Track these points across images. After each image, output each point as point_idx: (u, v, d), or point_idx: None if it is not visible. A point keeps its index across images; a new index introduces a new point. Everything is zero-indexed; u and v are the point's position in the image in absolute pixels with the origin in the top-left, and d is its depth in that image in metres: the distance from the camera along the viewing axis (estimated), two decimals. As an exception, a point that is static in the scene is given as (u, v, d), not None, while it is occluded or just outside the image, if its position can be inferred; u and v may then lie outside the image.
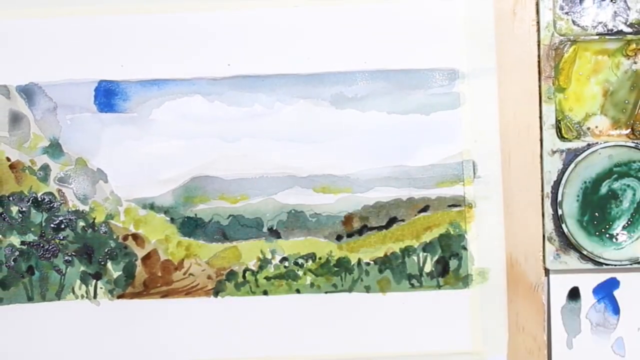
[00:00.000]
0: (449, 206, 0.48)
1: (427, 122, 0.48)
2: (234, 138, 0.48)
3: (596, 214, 0.48)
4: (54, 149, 0.48)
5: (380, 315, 0.49)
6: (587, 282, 0.49)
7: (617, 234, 0.48)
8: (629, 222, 0.48)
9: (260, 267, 0.49)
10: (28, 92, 0.48)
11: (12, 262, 0.48)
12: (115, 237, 0.49)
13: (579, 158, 0.47)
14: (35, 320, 0.49)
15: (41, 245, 0.49)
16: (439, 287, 0.49)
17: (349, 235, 0.49)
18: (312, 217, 0.48)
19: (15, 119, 0.48)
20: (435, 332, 0.49)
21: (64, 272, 0.49)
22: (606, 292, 0.49)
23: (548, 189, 0.48)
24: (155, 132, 0.48)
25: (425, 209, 0.48)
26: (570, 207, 0.47)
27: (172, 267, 0.49)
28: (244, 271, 0.49)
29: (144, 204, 0.48)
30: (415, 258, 0.48)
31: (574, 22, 0.48)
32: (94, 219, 0.48)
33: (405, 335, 0.49)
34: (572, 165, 0.47)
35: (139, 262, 0.49)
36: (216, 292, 0.49)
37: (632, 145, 0.47)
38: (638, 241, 0.48)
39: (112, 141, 0.48)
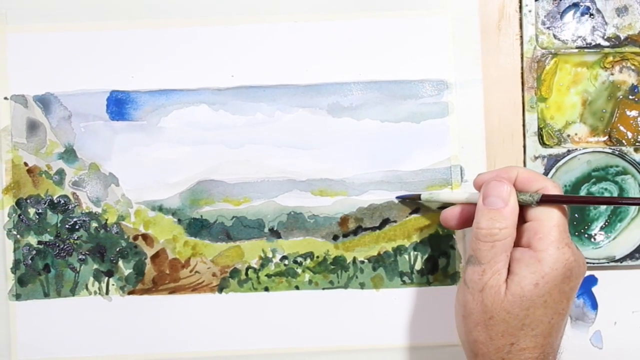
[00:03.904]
0: (439, 208, 0.48)
1: (418, 129, 0.48)
2: (237, 144, 0.49)
3: (576, 215, 0.49)
4: (69, 154, 0.49)
5: (374, 310, 0.49)
6: (567, 279, 0.50)
7: (595, 235, 0.49)
8: (606, 223, 0.49)
9: (262, 265, 0.49)
10: (44, 102, 0.49)
11: (30, 261, 0.49)
12: (126, 237, 0.49)
13: (560, 163, 0.48)
14: (51, 315, 0.49)
15: (57, 244, 0.49)
16: (428, 283, 0.49)
17: (345, 236, 0.49)
18: (310, 219, 0.49)
19: (33, 126, 0.49)
20: (425, 326, 0.49)
21: (78, 270, 0.49)
22: (585, 288, 0.49)
23: (531, 192, 0.49)
24: (163, 138, 0.49)
25: (416, 210, 0.49)
26: (551, 209, 0.49)
27: (179, 265, 0.49)
28: (247, 269, 0.49)
29: (153, 206, 0.49)
30: (406, 257, 0.49)
31: (555, 36, 0.49)
32: (106, 220, 0.49)
33: (397, 329, 0.49)
34: (553, 170, 0.48)
35: (148, 261, 0.49)
36: (220, 288, 0.49)
37: (609, 151, 0.48)
38: (615, 241, 0.49)
39: (123, 147, 0.49)
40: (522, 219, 0.40)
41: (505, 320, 0.38)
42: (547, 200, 0.39)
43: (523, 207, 0.39)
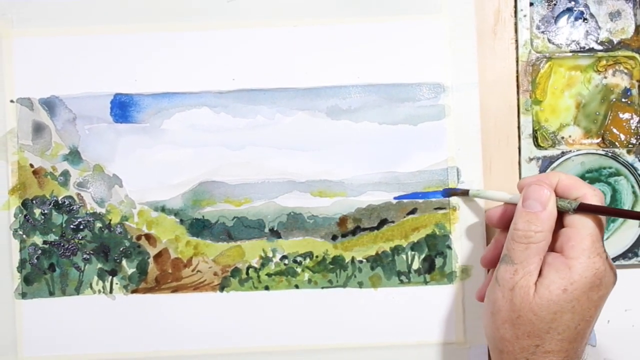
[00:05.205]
0: (435, 209, 0.49)
1: (415, 131, 0.49)
2: (238, 146, 0.49)
3: (570, 216, 0.50)
4: (74, 156, 0.49)
5: (372, 308, 0.50)
6: (562, 279, 0.50)
7: (589, 235, 0.50)
8: (600, 224, 0.50)
9: (262, 265, 0.50)
10: (50, 104, 0.49)
11: (35, 260, 0.49)
12: (129, 237, 0.49)
13: (554, 165, 0.49)
14: (56, 313, 0.49)
15: (62, 244, 0.49)
16: (425, 283, 0.49)
17: (344, 236, 0.49)
18: (310, 219, 0.49)
19: (38, 129, 0.49)
20: (422, 324, 0.49)
21: (82, 269, 0.49)
22: (579, 287, 0.50)
23: (526, 193, 0.49)
24: (166, 141, 0.49)
25: (413, 211, 0.49)
26: (546, 209, 0.49)
27: (181, 265, 0.50)
28: (247, 268, 0.50)
29: (155, 206, 0.49)
30: (404, 256, 0.49)
31: (549, 40, 0.49)
32: (110, 220, 0.49)
33: (395, 327, 0.49)
34: (548, 172, 0.48)
35: (151, 260, 0.49)
36: (222, 287, 0.50)
37: (602, 153, 0.49)
38: (607, 241, 0.49)
39: (126, 149, 0.49)
40: (560, 224, 0.40)
41: (531, 321, 0.38)
42: (584, 208, 0.39)
43: (561, 213, 0.40)
